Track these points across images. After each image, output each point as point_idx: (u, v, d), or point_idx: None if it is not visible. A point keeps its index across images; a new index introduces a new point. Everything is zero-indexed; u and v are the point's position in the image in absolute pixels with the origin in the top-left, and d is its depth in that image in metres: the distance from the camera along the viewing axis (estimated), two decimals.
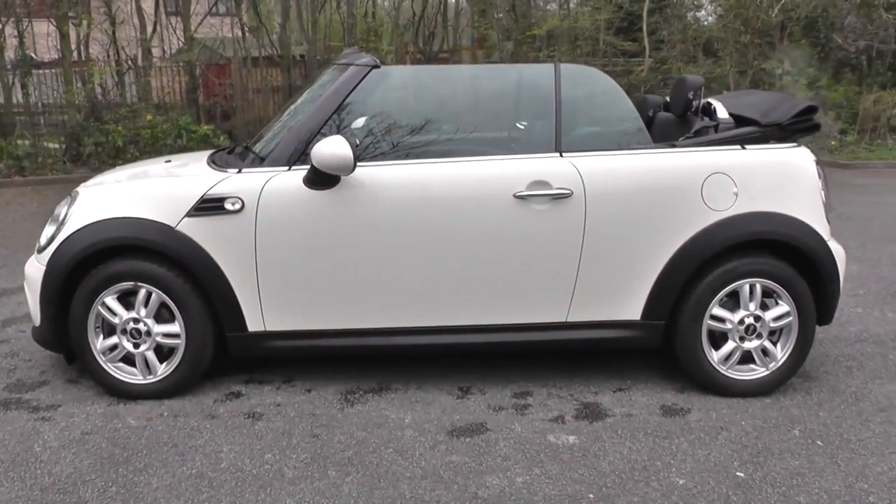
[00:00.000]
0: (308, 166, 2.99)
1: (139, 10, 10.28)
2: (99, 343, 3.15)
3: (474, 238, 3.01)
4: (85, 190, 3.19)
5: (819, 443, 2.81)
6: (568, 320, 3.11)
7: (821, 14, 10.53)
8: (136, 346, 3.14)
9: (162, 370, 3.16)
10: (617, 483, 2.56)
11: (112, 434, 2.91)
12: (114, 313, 3.11)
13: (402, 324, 3.11)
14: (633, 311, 3.09)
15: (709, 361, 3.11)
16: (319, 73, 3.66)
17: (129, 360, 3.17)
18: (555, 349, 3.28)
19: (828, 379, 3.33)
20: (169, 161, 3.67)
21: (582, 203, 2.98)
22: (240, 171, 3.06)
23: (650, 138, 3.10)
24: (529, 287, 3.07)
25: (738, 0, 10.67)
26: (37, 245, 3.30)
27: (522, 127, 3.37)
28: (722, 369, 3.12)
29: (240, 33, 10.55)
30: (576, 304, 3.09)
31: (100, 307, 3.10)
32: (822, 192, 3.10)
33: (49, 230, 3.22)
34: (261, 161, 3.10)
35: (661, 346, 3.16)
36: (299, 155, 3.04)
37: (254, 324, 3.10)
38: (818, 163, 3.14)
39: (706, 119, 3.28)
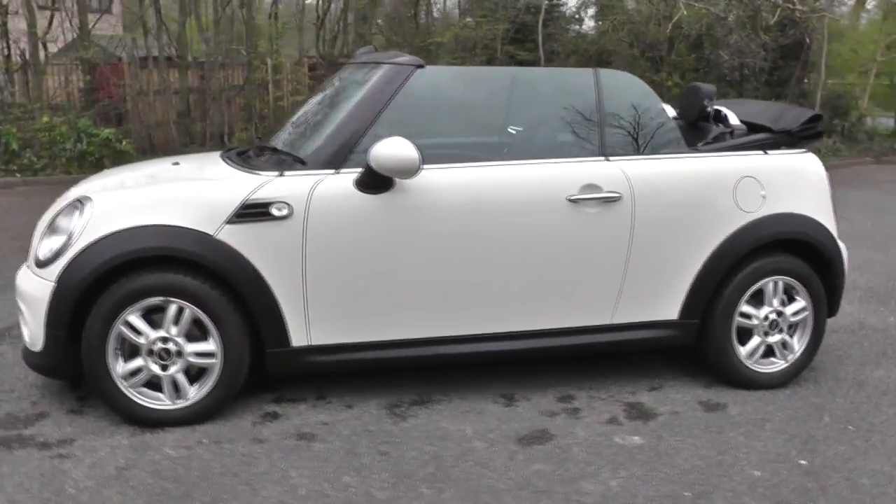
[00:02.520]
0: (357, 169, 2.86)
1: (28, 1, 9.26)
2: (119, 367, 2.82)
3: (527, 242, 2.99)
4: (100, 196, 2.84)
5: (850, 427, 3.03)
6: (612, 322, 3.16)
7: (706, 32, 11.37)
8: (164, 368, 2.85)
9: (193, 393, 2.88)
10: (703, 479, 2.63)
11: (154, 467, 2.62)
12: (138, 333, 2.80)
13: (451, 332, 3.03)
14: (671, 311, 3.20)
15: (737, 357, 3.27)
16: (344, 72, 3.49)
17: (152, 384, 2.87)
18: (598, 352, 3.32)
19: (825, 368, 3.60)
20: (177, 164, 3.35)
21: (630, 206, 3.04)
22: (281, 174, 2.86)
23: (684, 143, 3.22)
24: (578, 290, 3.09)
25: (629, 16, 11.32)
26: (32, 258, 2.91)
27: (514, 132, 3.39)
28: (748, 364, 3.29)
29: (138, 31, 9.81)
30: (620, 307, 3.14)
31: (121, 326, 2.78)
32: (831, 195, 3.36)
33: (53, 242, 2.84)
34: (302, 163, 2.91)
35: (693, 344, 3.29)
36: (346, 157, 2.89)
37: (298, 338, 2.90)
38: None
39: (721, 126, 3.45)
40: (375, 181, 2.83)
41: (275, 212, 2.79)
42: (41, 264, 2.84)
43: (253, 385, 3.12)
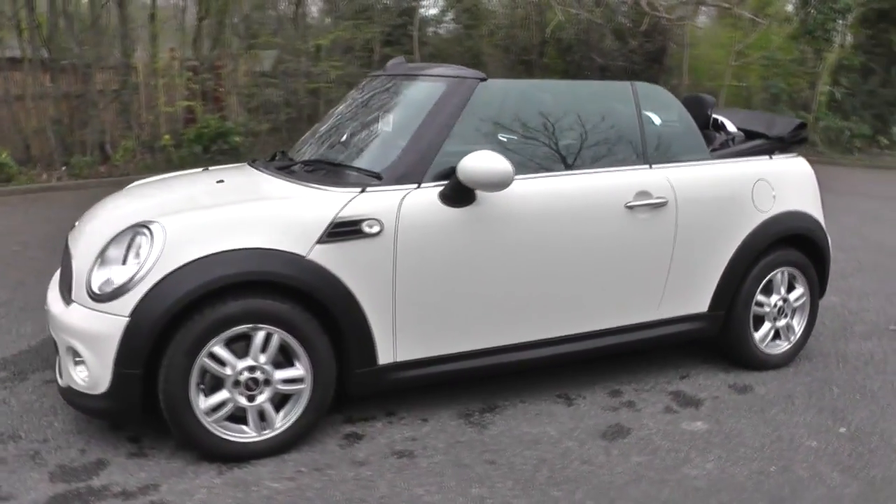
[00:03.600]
0: (435, 183, 2.85)
1: None
2: (202, 402, 2.63)
3: (592, 248, 3.13)
4: (171, 221, 2.61)
5: (858, 396, 3.44)
6: (657, 318, 3.37)
7: (580, 37, 12.05)
8: (251, 398, 2.69)
9: (280, 422, 2.75)
10: (776, 454, 2.89)
11: (268, 503, 2.48)
12: (222, 364, 2.63)
13: (524, 338, 3.10)
14: (702, 304, 3.46)
15: (753, 342, 3.60)
16: (381, 83, 3.43)
17: (233, 416, 2.70)
18: (645, 347, 3.51)
19: (807, 347, 4.03)
20: (222, 182, 3.13)
21: (674, 210, 3.27)
22: (364, 190, 2.79)
23: (707, 149, 3.50)
24: (632, 291, 3.27)
25: (505, 20, 11.75)
26: (82, 292, 2.62)
27: (505, 140, 3.53)
28: (761, 347, 3.63)
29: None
30: (664, 303, 3.36)
31: (205, 359, 2.60)
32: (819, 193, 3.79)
33: (113, 273, 2.58)
34: (377, 178, 2.85)
35: (718, 334, 3.57)
36: (425, 171, 2.87)
37: (385, 356, 2.85)
38: None
39: (722, 133, 3.77)
40: (461, 194, 2.84)
41: (366, 229, 2.72)
42: (100, 298, 2.58)
43: None
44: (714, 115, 3.87)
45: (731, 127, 3.80)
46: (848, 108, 12.31)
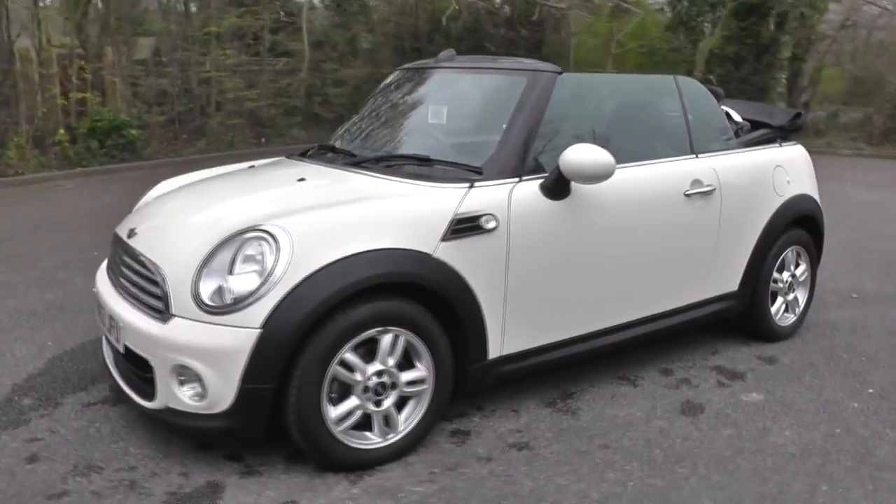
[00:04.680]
0: (532, 176, 2.88)
1: None
2: (332, 412, 2.51)
3: (662, 235, 3.28)
4: (294, 224, 2.45)
5: (864, 359, 3.83)
6: (700, 299, 3.58)
7: (469, 25, 12.20)
8: (378, 403, 2.60)
9: (402, 425, 2.67)
10: (833, 417, 3.15)
11: None
12: (351, 370, 2.52)
13: (607, 324, 3.20)
14: (734, 283, 3.71)
15: (770, 315, 3.91)
16: (438, 75, 3.38)
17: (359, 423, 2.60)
18: (693, 327, 3.69)
19: None
20: (303, 179, 2.94)
21: (719, 197, 3.47)
22: (472, 186, 2.76)
23: (735, 139, 3.74)
24: (687, 273, 3.46)
25: (400, 8, 11.69)
26: (194, 304, 2.42)
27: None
28: (776, 320, 3.95)
29: None
30: (709, 284, 3.58)
31: (337, 366, 2.48)
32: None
33: (230, 282, 2.40)
34: (477, 172, 2.83)
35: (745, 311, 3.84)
36: (523, 165, 2.88)
37: (494, 350, 2.85)
38: None
39: (732, 123, 4.03)
40: (561, 187, 2.88)
41: (484, 224, 2.70)
42: (217, 310, 2.40)
43: None
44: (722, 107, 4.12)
45: (737, 117, 4.08)
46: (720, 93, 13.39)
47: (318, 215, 2.55)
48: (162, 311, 2.50)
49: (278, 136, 12.42)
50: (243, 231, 2.48)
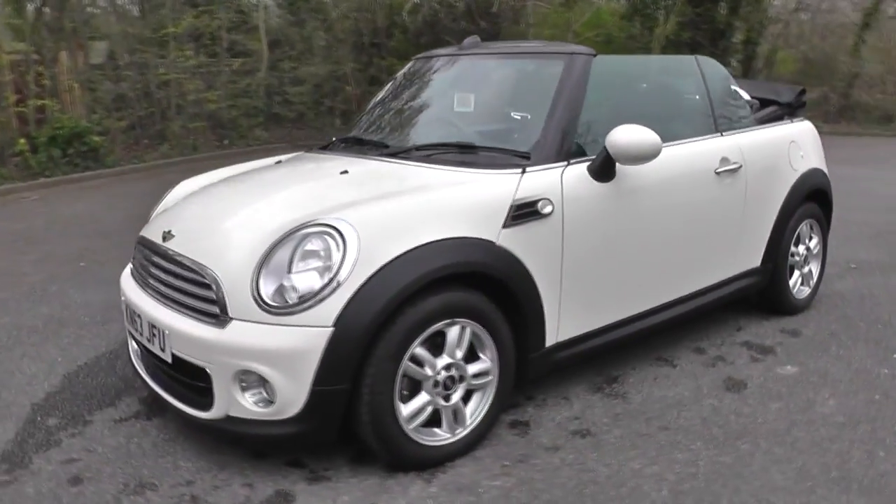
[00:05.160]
0: (578, 159, 2.84)
1: None
2: (404, 410, 2.43)
3: (698, 213, 3.29)
4: (356, 218, 2.36)
5: (880, 326, 3.91)
6: (729, 276, 3.60)
7: (429, 19, 12.11)
8: (447, 398, 2.53)
9: (469, 419, 2.61)
10: (868, 384, 3.19)
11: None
12: (421, 365, 2.45)
13: (651, 305, 3.19)
14: (757, 259, 3.74)
15: (789, 289, 3.96)
16: (466, 62, 3.31)
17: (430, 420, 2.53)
18: (722, 304, 3.70)
19: None
20: (346, 172, 2.83)
21: (745, 173, 3.50)
22: (524, 171, 2.70)
23: (752, 117, 3.76)
24: (717, 251, 3.47)
25: (358, 4, 11.53)
26: (255, 304, 2.31)
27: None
28: (793, 293, 4.00)
29: None
30: (735, 261, 3.60)
31: (408, 362, 2.40)
32: None
33: (294, 280, 2.30)
34: (525, 157, 2.77)
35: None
36: (570, 148, 2.83)
37: (551, 337, 2.80)
38: None
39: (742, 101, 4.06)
40: (608, 169, 2.85)
41: (542, 209, 2.65)
42: (282, 310, 2.29)
43: None
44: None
45: (745, 96, 4.11)
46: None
47: (379, 207, 2.46)
48: (217, 315, 2.38)
49: (240, 138, 12.15)
50: (302, 227, 2.38)
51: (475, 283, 2.53)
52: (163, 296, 2.63)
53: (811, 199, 3.99)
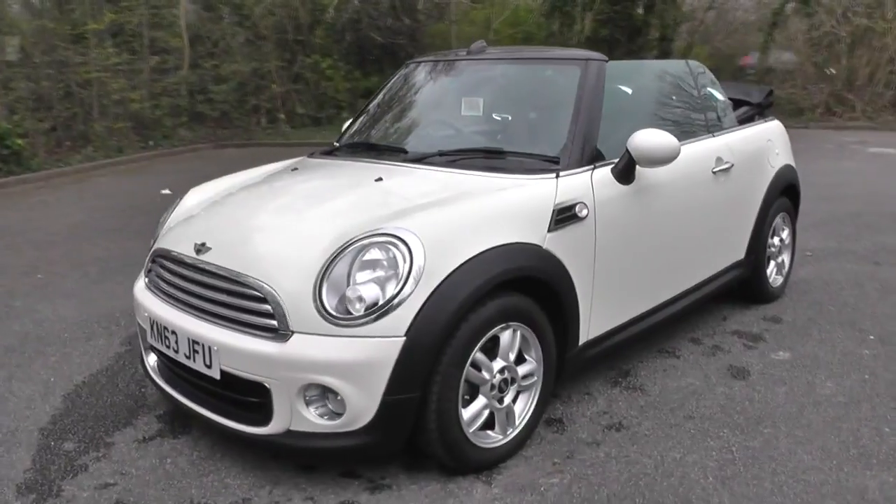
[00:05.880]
0: (601, 162, 2.93)
1: None
2: (465, 414, 2.47)
3: (701, 210, 3.45)
4: (419, 227, 2.36)
5: (850, 310, 4.19)
6: (720, 269, 3.79)
7: (355, 16, 12.03)
8: (500, 400, 2.58)
9: (518, 420, 2.67)
10: (856, 365, 3.44)
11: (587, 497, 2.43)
12: (479, 369, 2.49)
13: (660, 301, 3.32)
14: (742, 251, 3.95)
15: (767, 278, 4.20)
16: (472, 67, 3.35)
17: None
18: (713, 298, 3.87)
19: None
20: (380, 179, 2.80)
21: (735, 171, 3.68)
22: (558, 175, 2.77)
23: (734, 117, 3.96)
24: (713, 246, 3.65)
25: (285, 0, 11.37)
26: (320, 316, 2.29)
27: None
28: (770, 281, 4.25)
29: None
30: (727, 254, 3.79)
31: (470, 368, 2.44)
32: None
33: (361, 291, 2.29)
34: (554, 162, 2.84)
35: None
36: (593, 152, 2.92)
37: (583, 336, 2.89)
38: None
39: None
40: (630, 171, 2.95)
41: (579, 212, 2.73)
42: (350, 322, 2.28)
43: None
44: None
45: (720, 96, 4.32)
46: None
47: (437, 216, 2.47)
48: (276, 329, 2.34)
49: (165, 139, 11.74)
50: (363, 237, 2.37)
51: (522, 287, 2.58)
52: (202, 311, 2.55)
53: (784, 194, 4.24)
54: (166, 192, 8.27)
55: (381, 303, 2.28)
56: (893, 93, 13.00)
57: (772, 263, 4.25)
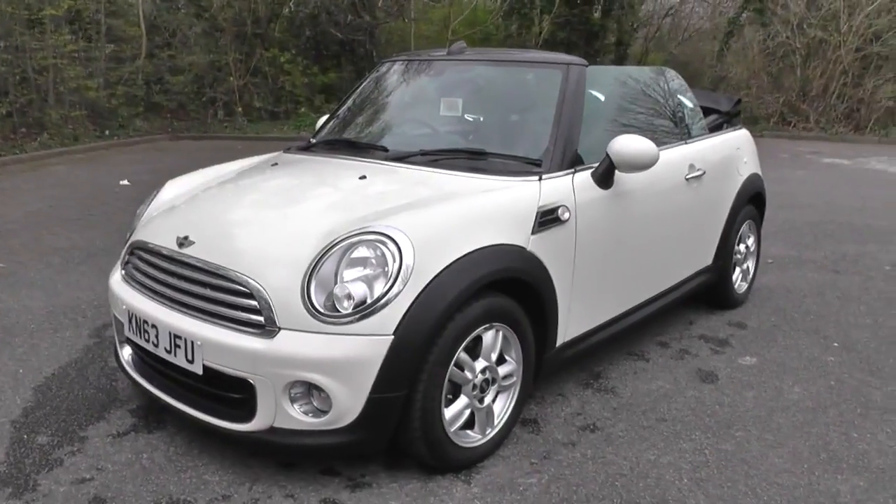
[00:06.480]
0: (580, 167, 2.97)
1: None
2: (447, 413, 2.49)
3: (674, 216, 3.52)
4: (408, 225, 2.37)
5: (812, 317, 4.32)
6: (691, 273, 3.87)
7: (315, 12, 11.98)
8: (481, 400, 2.60)
9: (496, 419, 2.69)
10: (821, 372, 3.55)
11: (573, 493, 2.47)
12: (462, 368, 2.51)
13: (633, 304, 3.38)
14: (710, 257, 4.05)
15: (733, 284, 4.31)
16: (455, 67, 3.37)
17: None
18: (685, 300, 3.95)
19: None
20: (364, 177, 2.79)
21: (706, 179, 3.77)
22: (541, 178, 2.80)
23: (705, 125, 4.05)
24: (684, 252, 3.73)
25: None
26: (308, 313, 2.28)
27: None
28: (735, 287, 4.36)
29: None
30: (696, 260, 3.88)
31: (453, 367, 2.46)
32: None
33: (351, 288, 2.29)
34: (536, 165, 2.88)
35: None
36: (573, 156, 2.96)
37: (561, 337, 2.93)
38: None
39: None
40: (609, 176, 3.00)
41: (561, 215, 2.77)
42: (335, 319, 2.28)
43: None
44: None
45: (691, 104, 4.41)
46: None
47: (425, 216, 2.48)
48: (262, 325, 2.33)
49: (121, 128, 11.50)
50: (351, 234, 2.37)
51: (505, 288, 2.61)
52: (185, 305, 2.52)
53: (751, 202, 4.35)
54: (125, 182, 8.12)
55: (368, 301, 2.29)
56: (846, 105, 13.39)
57: (737, 270, 4.36)
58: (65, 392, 3.17)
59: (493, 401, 2.68)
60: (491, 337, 2.58)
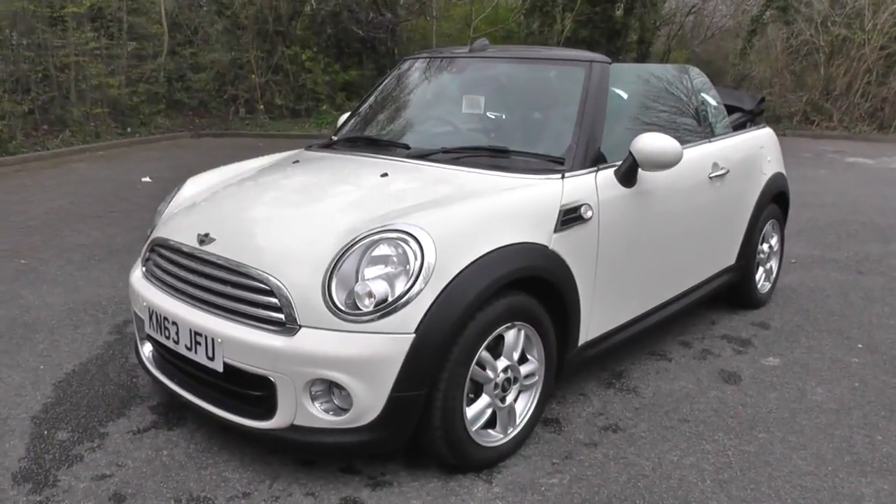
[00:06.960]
0: (604, 165, 2.94)
1: None
2: (469, 412, 2.47)
3: (696, 215, 3.48)
4: (430, 223, 2.35)
5: (836, 317, 4.26)
6: (714, 273, 3.83)
7: (336, 10, 11.99)
8: (503, 399, 2.58)
9: (518, 419, 2.67)
10: (845, 373, 3.49)
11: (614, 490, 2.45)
12: (483, 367, 2.49)
13: (657, 303, 3.34)
14: (733, 257, 4.00)
15: (756, 284, 4.26)
16: (474, 65, 3.35)
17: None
18: (708, 300, 3.92)
19: None
20: (385, 175, 2.78)
21: (729, 177, 3.72)
22: (563, 176, 2.78)
23: (729, 123, 4.00)
24: (707, 251, 3.69)
25: None
26: (329, 311, 2.27)
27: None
28: (759, 287, 4.30)
29: None
30: (719, 259, 3.83)
31: (475, 366, 2.44)
32: None
33: (373, 286, 2.27)
34: (559, 163, 2.85)
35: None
36: (596, 154, 2.93)
37: (583, 336, 2.90)
38: None
39: None
40: (633, 174, 2.97)
41: (584, 214, 2.74)
42: (356, 317, 2.27)
43: None
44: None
45: (715, 102, 4.36)
46: None
47: (447, 213, 2.46)
48: (283, 323, 2.32)
49: (142, 126, 11.58)
50: (372, 232, 2.35)
51: (527, 287, 2.59)
52: (205, 303, 2.52)
53: (774, 201, 4.29)
54: (147, 179, 8.17)
55: (390, 299, 2.27)
56: (870, 104, 13.21)
57: (760, 269, 4.31)
58: (85, 388, 3.18)
59: (515, 400, 2.66)
60: (513, 336, 2.56)
